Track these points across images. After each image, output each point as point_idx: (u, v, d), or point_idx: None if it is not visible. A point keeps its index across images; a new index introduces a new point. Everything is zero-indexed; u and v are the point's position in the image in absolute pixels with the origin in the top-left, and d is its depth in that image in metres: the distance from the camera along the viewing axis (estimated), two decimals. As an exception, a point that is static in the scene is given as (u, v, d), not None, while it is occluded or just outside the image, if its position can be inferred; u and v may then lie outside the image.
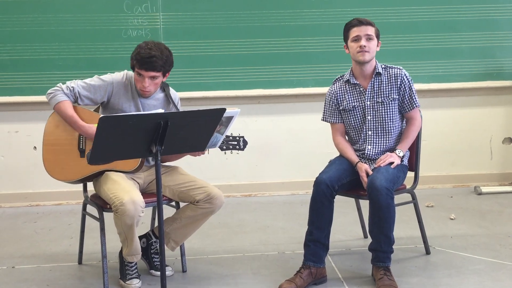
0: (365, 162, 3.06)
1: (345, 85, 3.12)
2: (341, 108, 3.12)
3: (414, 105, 3.05)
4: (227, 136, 2.82)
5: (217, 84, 4.42)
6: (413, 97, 3.05)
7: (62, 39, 4.29)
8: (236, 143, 2.83)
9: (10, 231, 3.87)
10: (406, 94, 3.04)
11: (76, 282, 3.00)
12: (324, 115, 3.20)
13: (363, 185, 2.95)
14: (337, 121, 3.16)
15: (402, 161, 3.03)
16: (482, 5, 4.48)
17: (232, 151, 2.85)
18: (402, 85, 3.03)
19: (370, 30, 2.96)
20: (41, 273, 3.11)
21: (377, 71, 3.04)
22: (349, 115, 3.10)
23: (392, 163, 2.97)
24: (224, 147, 2.83)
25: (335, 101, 3.14)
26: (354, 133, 3.13)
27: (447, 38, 4.50)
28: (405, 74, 3.04)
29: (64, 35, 4.29)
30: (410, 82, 3.05)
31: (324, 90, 4.33)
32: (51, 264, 3.24)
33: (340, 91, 3.12)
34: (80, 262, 3.22)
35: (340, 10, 4.40)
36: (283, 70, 4.46)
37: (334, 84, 3.17)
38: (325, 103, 3.19)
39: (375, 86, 3.05)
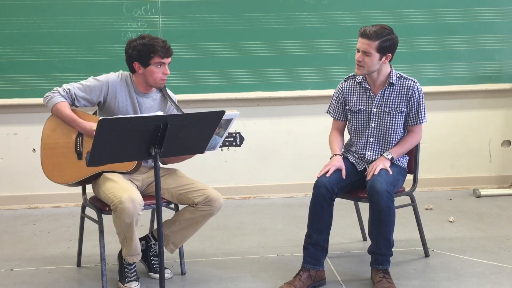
0: (364, 165, 3.06)
1: (356, 85, 3.09)
2: (347, 107, 3.11)
3: (419, 121, 3.02)
4: None
5: (216, 87, 4.42)
6: (420, 113, 3.00)
7: (62, 42, 4.29)
8: (232, 139, 2.81)
9: (9, 233, 3.86)
10: (413, 108, 3.00)
11: (75, 285, 3.00)
12: (329, 108, 3.20)
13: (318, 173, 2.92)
14: (339, 118, 3.15)
15: (393, 162, 3.01)
16: (480, 8, 4.48)
17: (229, 147, 2.84)
18: (412, 98, 2.98)
19: (370, 46, 2.87)
20: (39, 276, 3.11)
21: (391, 80, 2.99)
22: (353, 116, 3.09)
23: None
24: (221, 144, 2.82)
25: (342, 98, 3.12)
26: (354, 135, 3.13)
27: (445, 41, 4.51)
28: (417, 88, 2.99)
29: (63, 37, 4.29)
30: (421, 97, 3.00)
31: (324, 92, 4.37)
32: (50, 266, 3.23)
33: (350, 91, 3.10)
34: (78, 264, 3.22)
35: (340, 13, 4.40)
36: (283, 72, 4.46)
37: (345, 81, 3.13)
38: (332, 97, 3.18)
39: (385, 95, 3.01)
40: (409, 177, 3.19)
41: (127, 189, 2.73)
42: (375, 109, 3.03)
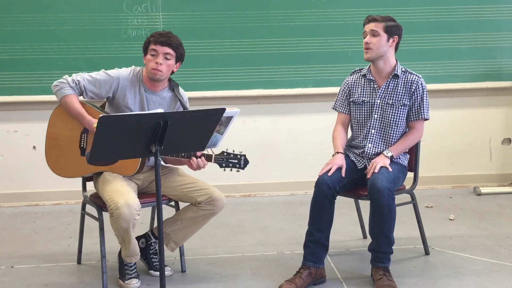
0: (364, 163, 3.05)
1: (361, 78, 3.11)
2: (351, 99, 3.12)
3: (421, 116, 3.02)
4: (228, 154, 2.81)
5: (216, 84, 4.42)
6: (422, 108, 3.01)
7: (62, 39, 4.29)
8: (236, 161, 2.81)
9: (9, 231, 3.86)
10: (416, 102, 3.01)
11: (75, 282, 3.00)
12: (335, 103, 3.21)
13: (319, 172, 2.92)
14: (344, 111, 3.16)
15: (392, 160, 3.01)
16: (481, 5, 4.48)
17: (232, 169, 2.84)
18: (415, 92, 3.00)
19: (377, 26, 2.94)
20: (40, 273, 3.11)
21: (395, 72, 3.01)
22: (356, 108, 3.10)
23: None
24: (224, 165, 2.82)
25: (347, 91, 3.14)
26: (357, 127, 3.13)
27: (446, 39, 4.50)
28: (421, 83, 3.01)
29: (63, 34, 4.28)
30: (424, 92, 3.01)
31: (324, 90, 4.38)
32: (50, 264, 3.24)
33: (354, 84, 3.12)
34: (79, 262, 3.22)
35: (339, 11, 4.40)
36: (283, 70, 4.46)
37: (351, 75, 3.17)
38: (339, 92, 3.20)
39: (389, 87, 3.03)
40: (410, 175, 3.19)
41: (124, 193, 2.72)
42: (378, 101, 3.04)
